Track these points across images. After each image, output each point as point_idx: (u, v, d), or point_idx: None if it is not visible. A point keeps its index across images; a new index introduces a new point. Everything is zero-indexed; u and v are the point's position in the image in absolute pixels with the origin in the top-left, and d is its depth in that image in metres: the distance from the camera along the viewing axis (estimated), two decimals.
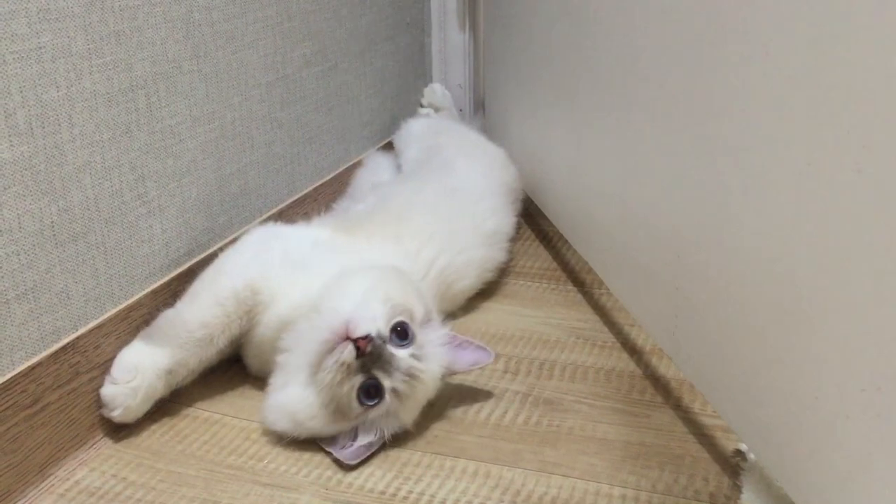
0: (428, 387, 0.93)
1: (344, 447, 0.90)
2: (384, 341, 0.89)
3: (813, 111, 0.64)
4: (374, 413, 0.89)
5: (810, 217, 0.65)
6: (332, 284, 0.97)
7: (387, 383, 0.88)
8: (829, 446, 0.65)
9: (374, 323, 0.89)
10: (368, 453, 0.90)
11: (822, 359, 0.65)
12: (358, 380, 0.88)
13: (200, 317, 0.97)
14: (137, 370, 0.93)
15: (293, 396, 0.91)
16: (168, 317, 0.98)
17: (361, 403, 0.88)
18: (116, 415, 0.93)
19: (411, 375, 0.90)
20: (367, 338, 0.87)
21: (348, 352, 0.87)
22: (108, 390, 0.93)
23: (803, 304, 0.67)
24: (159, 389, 0.96)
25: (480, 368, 1.01)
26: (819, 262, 0.64)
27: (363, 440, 0.90)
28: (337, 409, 0.89)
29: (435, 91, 1.93)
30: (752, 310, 0.75)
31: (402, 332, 0.91)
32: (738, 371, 0.79)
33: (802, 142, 0.65)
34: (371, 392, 0.88)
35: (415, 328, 0.93)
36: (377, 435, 0.91)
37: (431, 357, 0.93)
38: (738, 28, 0.73)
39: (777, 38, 0.67)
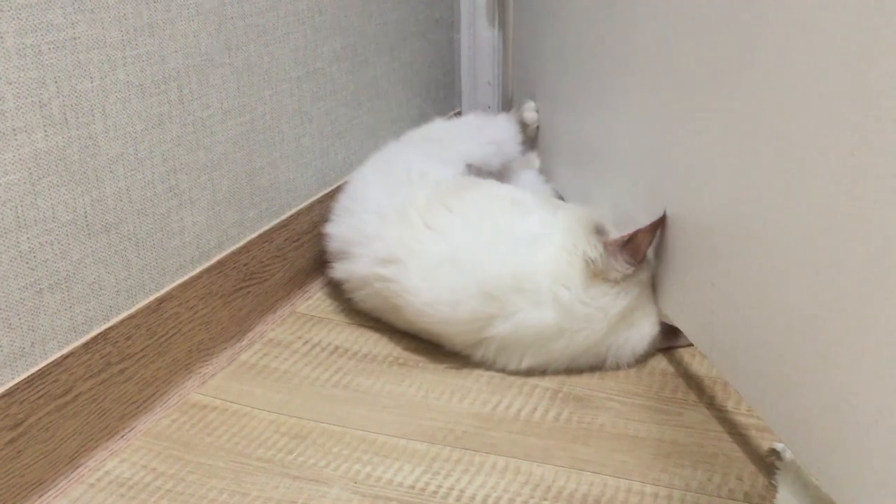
0: None
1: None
2: None
3: (858, 99, 0.62)
4: None
5: (854, 210, 0.63)
6: None
7: None
8: (871, 444, 0.64)
9: None
10: None
11: (863, 355, 0.64)
12: None
13: None
14: None
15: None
16: None
17: None
18: None
19: None
20: None
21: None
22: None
23: (844, 299, 0.65)
24: None
25: None
26: (861, 256, 0.63)
27: None
28: None
29: None
30: (792, 306, 0.73)
31: None
32: (776, 369, 0.77)
33: (847, 131, 0.64)
34: None
35: None
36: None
37: None
38: (781, 6, 0.72)
39: (822, 20, 0.66)
